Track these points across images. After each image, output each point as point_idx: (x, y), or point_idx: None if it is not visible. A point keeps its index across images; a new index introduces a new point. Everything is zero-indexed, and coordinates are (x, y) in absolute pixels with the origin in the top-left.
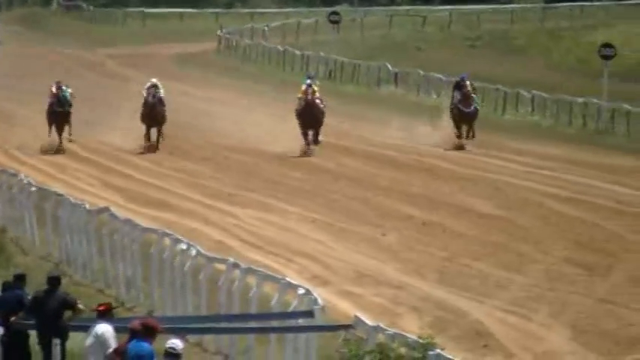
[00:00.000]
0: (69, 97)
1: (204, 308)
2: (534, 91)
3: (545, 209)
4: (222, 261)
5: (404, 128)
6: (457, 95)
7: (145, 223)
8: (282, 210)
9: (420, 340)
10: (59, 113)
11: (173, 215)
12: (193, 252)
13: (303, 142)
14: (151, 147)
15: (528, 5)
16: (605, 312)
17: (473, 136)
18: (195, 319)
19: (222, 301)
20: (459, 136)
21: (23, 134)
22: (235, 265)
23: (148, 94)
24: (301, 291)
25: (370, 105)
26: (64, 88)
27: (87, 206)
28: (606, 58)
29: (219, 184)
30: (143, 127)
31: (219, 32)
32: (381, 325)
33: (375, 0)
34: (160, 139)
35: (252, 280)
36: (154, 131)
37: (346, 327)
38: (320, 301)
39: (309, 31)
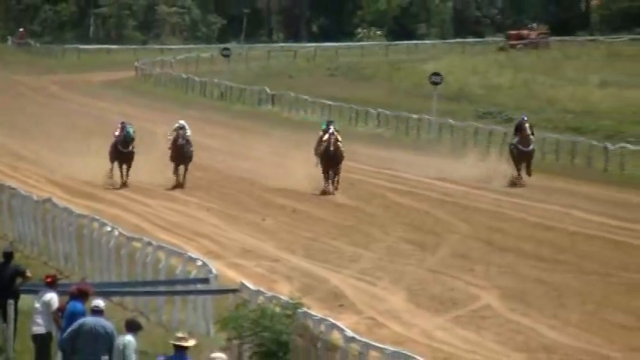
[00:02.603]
0: (132, 136)
1: (125, 276)
2: (379, 109)
3: (387, 200)
4: (139, 240)
5: (279, 137)
6: (516, 137)
7: (78, 210)
8: (185, 200)
9: (291, 301)
10: (123, 153)
11: (100, 204)
12: (116, 233)
13: (324, 182)
14: (178, 184)
15: (375, 43)
16: (433, 279)
17: (529, 174)
18: (117, 285)
19: (139, 271)
20: (518, 174)
21: None
22: (148, 243)
23: (178, 135)
24: (199, 263)
25: (253, 120)
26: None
27: (34, 197)
28: (435, 83)
29: (134, 180)
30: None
31: (136, 63)
32: (261, 289)
33: (256, 38)
34: (186, 176)
35: (161, 254)
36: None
37: (234, 291)
38: (214, 270)
39: (206, 62)
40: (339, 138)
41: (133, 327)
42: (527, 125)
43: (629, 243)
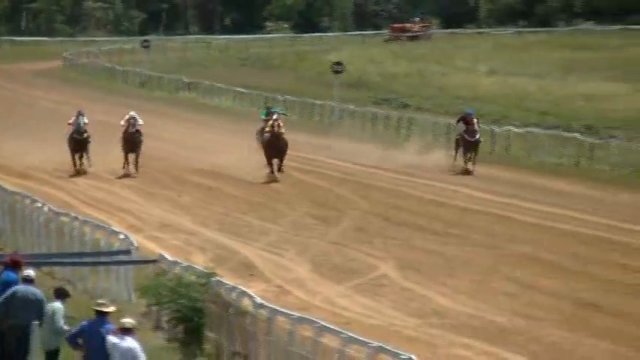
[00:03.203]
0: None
1: (54, 248)
2: (286, 96)
3: (293, 178)
4: (66, 215)
5: (195, 121)
6: (462, 127)
7: (11, 188)
8: (108, 179)
9: (205, 271)
10: (78, 141)
11: (32, 183)
12: (46, 209)
13: (269, 170)
14: (128, 171)
15: (282, 35)
16: (335, 251)
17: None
18: (47, 256)
19: (66, 243)
20: (465, 162)
21: None
22: (75, 218)
23: (128, 124)
24: (122, 236)
25: (172, 105)
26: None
27: None
28: (337, 72)
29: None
30: (122, 154)
31: (64, 54)
32: (178, 260)
33: (174, 31)
34: (138, 163)
35: (87, 228)
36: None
37: (153, 261)
38: (135, 243)
39: (128, 53)
40: (282, 124)
41: (61, 294)
42: (474, 120)
43: (513, 218)
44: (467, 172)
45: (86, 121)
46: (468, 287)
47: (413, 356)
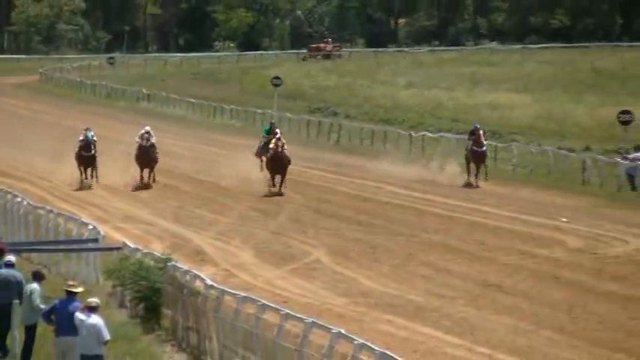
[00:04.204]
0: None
1: (32, 237)
2: (232, 106)
3: (239, 177)
4: (42, 208)
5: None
6: (469, 142)
7: None
8: (78, 177)
9: (162, 256)
10: (85, 157)
11: (12, 180)
12: (25, 203)
13: (271, 184)
14: (145, 185)
15: (229, 53)
16: (275, 239)
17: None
18: (27, 244)
19: (42, 233)
20: (475, 176)
21: None
22: (50, 211)
23: (142, 138)
24: (90, 226)
25: (133, 114)
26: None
27: None
28: (276, 85)
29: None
30: (137, 169)
31: (40, 70)
32: (139, 247)
33: (135, 49)
34: (153, 178)
35: (60, 219)
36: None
37: (117, 248)
38: (102, 232)
39: (96, 69)
40: (284, 141)
41: (38, 277)
42: (480, 132)
43: (428, 210)
44: (474, 186)
45: (94, 137)
46: (389, 271)
47: (342, 330)
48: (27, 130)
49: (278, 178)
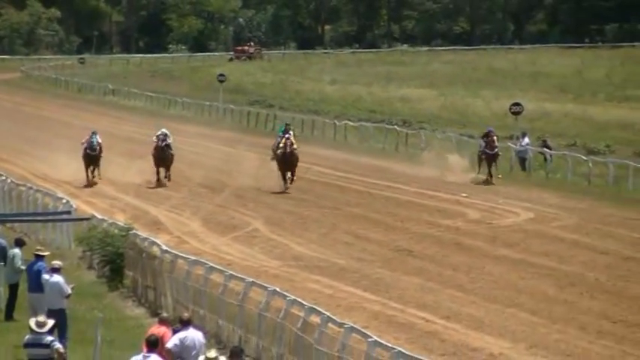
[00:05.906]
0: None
1: (15, 209)
2: (184, 99)
3: (189, 159)
4: (24, 185)
5: (117, 117)
6: (482, 143)
7: None
8: (62, 163)
9: (125, 226)
10: (91, 156)
11: None
12: (9, 180)
13: (282, 182)
14: (160, 183)
15: (181, 54)
16: (220, 211)
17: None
18: (9, 215)
19: (24, 206)
20: (487, 174)
21: None
22: (30, 188)
23: (158, 139)
24: (64, 200)
25: (100, 106)
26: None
27: None
28: (221, 81)
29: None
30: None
31: (22, 68)
32: (105, 218)
33: (102, 51)
34: (167, 176)
35: (39, 195)
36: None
37: (87, 219)
38: (74, 205)
39: (69, 67)
40: (294, 141)
41: (19, 243)
42: (494, 137)
43: (349, 187)
44: (488, 182)
45: (99, 140)
46: (317, 238)
47: (277, 288)
48: (9, 120)
49: (289, 174)
